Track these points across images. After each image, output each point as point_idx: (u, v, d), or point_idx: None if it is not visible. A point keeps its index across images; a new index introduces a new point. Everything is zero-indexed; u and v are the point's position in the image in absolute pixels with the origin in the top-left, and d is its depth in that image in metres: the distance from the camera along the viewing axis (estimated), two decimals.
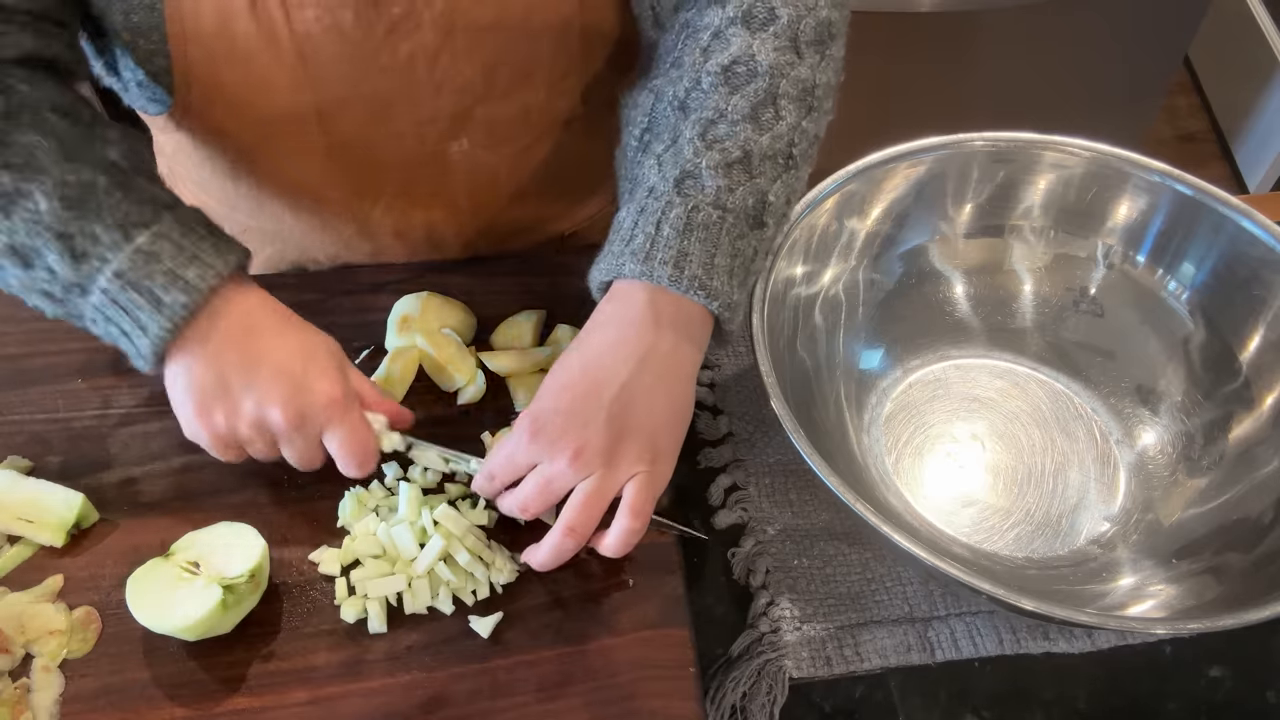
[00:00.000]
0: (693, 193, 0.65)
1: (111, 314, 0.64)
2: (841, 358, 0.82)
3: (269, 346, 0.66)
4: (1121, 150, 0.80)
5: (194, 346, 0.65)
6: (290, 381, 0.66)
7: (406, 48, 0.71)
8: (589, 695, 0.67)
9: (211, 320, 0.65)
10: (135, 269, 0.63)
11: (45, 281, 0.64)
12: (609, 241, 0.68)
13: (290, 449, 0.68)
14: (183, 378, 0.66)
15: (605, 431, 0.64)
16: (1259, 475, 0.74)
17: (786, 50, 0.68)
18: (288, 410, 0.65)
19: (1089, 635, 0.73)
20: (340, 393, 0.67)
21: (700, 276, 0.64)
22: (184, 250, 0.64)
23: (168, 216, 0.65)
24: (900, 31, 1.58)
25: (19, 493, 0.72)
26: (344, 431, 0.67)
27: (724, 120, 0.66)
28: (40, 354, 0.82)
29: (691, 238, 0.64)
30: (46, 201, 0.62)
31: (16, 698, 0.65)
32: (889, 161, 0.79)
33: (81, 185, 0.63)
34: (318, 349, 0.68)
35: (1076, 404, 0.84)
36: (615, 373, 0.65)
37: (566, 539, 0.66)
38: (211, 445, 0.68)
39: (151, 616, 0.66)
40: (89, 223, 0.63)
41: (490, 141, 0.82)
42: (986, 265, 0.85)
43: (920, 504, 0.78)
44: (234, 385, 0.66)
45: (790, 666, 0.70)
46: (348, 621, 0.70)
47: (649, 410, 0.65)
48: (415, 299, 0.83)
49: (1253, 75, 2.18)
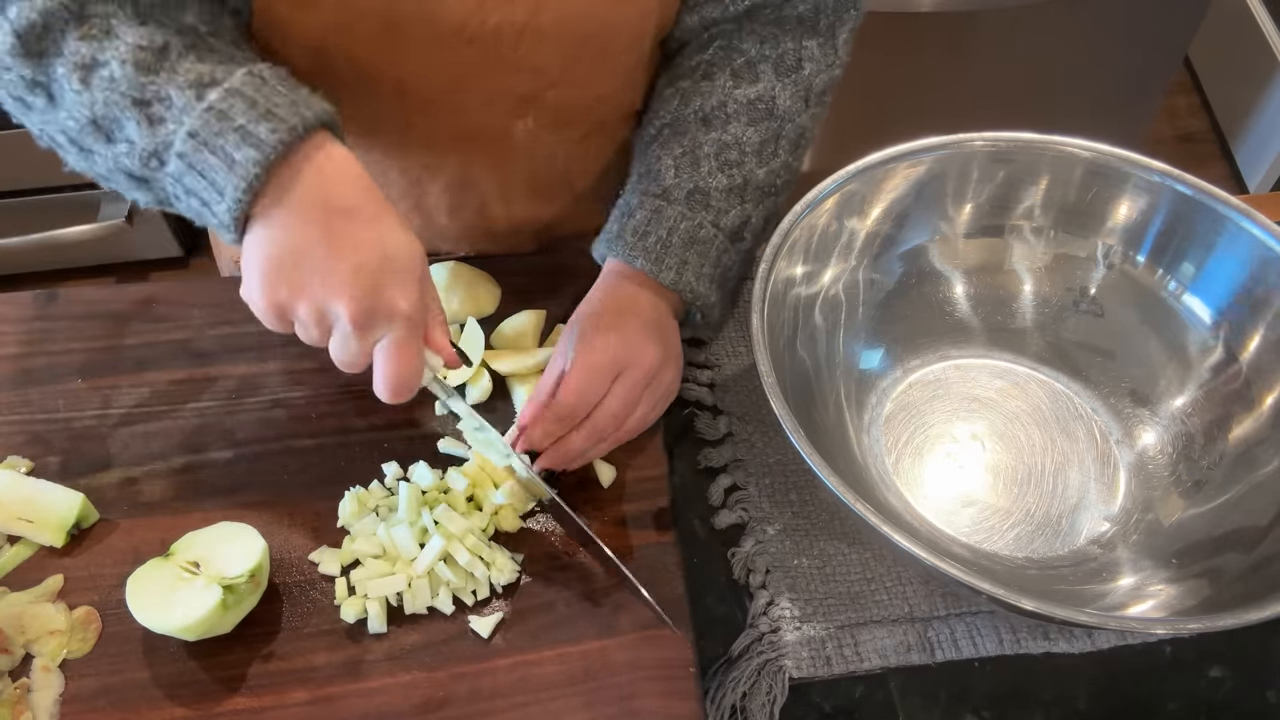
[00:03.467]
0: (700, 208, 0.76)
1: (189, 182, 0.61)
2: (841, 358, 0.82)
3: (354, 232, 0.61)
4: (1121, 150, 0.80)
5: (274, 213, 0.61)
6: (368, 280, 0.61)
7: (495, 19, 0.71)
8: (589, 695, 0.67)
9: (291, 181, 0.61)
10: (208, 127, 0.60)
11: (126, 155, 0.62)
12: (620, 226, 0.77)
13: (341, 346, 0.63)
14: (260, 242, 0.61)
15: (659, 349, 0.75)
16: (1259, 475, 0.74)
17: (799, 100, 0.79)
18: (354, 308, 0.60)
19: (1089, 635, 0.73)
20: (411, 308, 0.62)
21: (691, 282, 0.76)
22: (257, 105, 0.60)
23: (240, 72, 0.61)
24: (900, 31, 1.58)
25: (19, 493, 0.72)
26: (398, 353, 0.62)
27: (737, 148, 0.77)
28: (40, 354, 0.82)
29: (692, 250, 0.76)
30: (121, 67, 0.60)
31: (16, 698, 0.65)
32: (889, 161, 0.79)
33: (155, 48, 0.61)
34: (404, 253, 0.63)
35: (1076, 404, 0.84)
36: (648, 313, 0.76)
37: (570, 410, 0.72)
38: (264, 312, 0.63)
39: (151, 616, 0.66)
40: (163, 85, 0.60)
41: (555, 124, 0.83)
42: (986, 265, 0.85)
43: (920, 504, 0.78)
44: (309, 263, 0.61)
45: (790, 666, 0.70)
46: (348, 621, 0.70)
47: (676, 344, 0.77)
48: (443, 268, 0.84)
49: (1253, 75, 2.18)
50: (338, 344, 0.63)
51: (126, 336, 0.83)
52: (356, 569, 0.72)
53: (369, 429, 0.79)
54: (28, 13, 0.60)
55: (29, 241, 1.82)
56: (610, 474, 0.77)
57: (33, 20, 0.60)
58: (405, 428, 0.79)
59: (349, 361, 0.63)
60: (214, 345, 0.83)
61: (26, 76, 0.62)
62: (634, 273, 0.77)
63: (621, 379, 0.73)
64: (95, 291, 0.86)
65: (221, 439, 0.78)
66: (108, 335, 0.83)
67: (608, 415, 0.73)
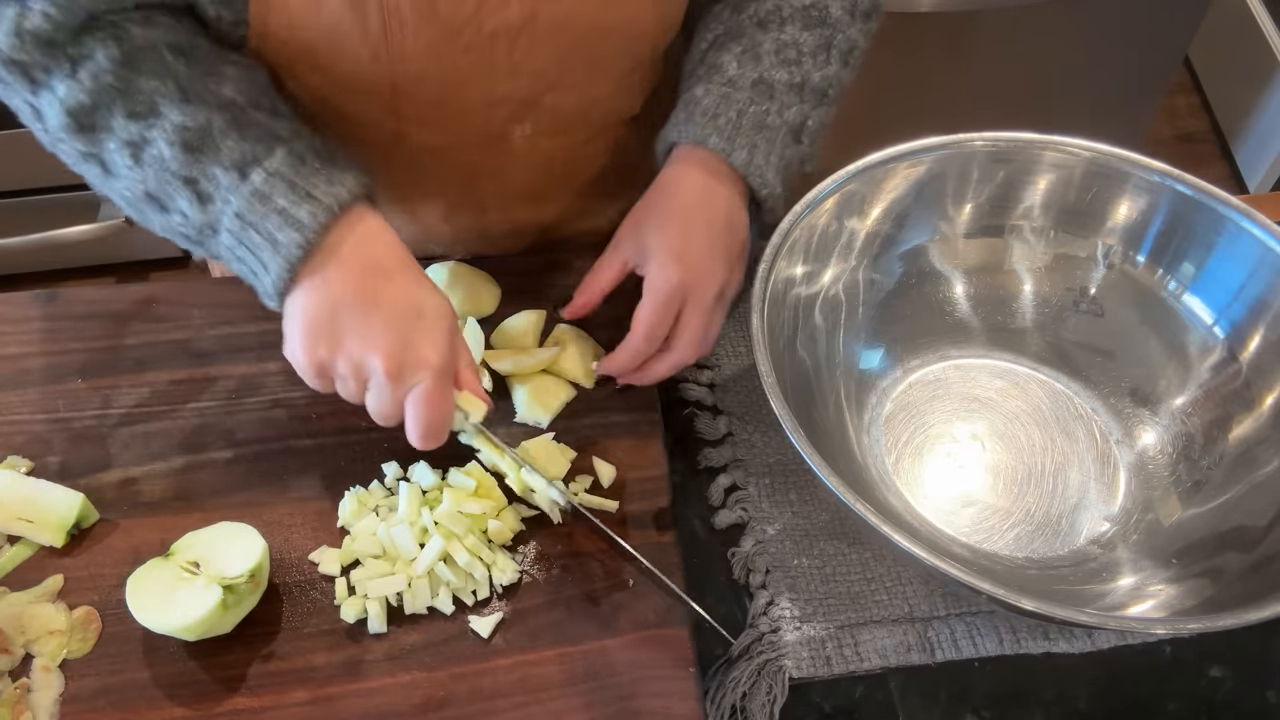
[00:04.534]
0: (765, 98, 0.76)
1: (240, 254, 0.66)
2: (841, 358, 0.82)
3: (386, 292, 0.67)
4: (1121, 150, 0.80)
5: (313, 279, 0.66)
6: (399, 334, 0.66)
7: (491, 25, 0.72)
8: (589, 695, 0.67)
9: (329, 254, 0.66)
10: (252, 210, 0.65)
11: (181, 225, 0.67)
12: (686, 111, 0.76)
13: (375, 398, 0.67)
14: (299, 306, 0.66)
15: (726, 260, 0.75)
16: (1259, 475, 0.74)
17: (848, 12, 0.79)
18: (388, 362, 0.65)
19: (1089, 635, 0.73)
20: (440, 360, 0.66)
21: (761, 166, 0.75)
22: (296, 188, 0.65)
23: (280, 152, 0.65)
24: (900, 31, 1.58)
25: (19, 493, 0.72)
26: (428, 399, 0.66)
27: (795, 48, 0.77)
28: (40, 354, 0.82)
29: (760, 135, 0.75)
30: (169, 148, 0.64)
31: (16, 698, 0.65)
32: (889, 161, 0.79)
33: (199, 128, 0.65)
34: (431, 308, 0.68)
35: (1076, 404, 0.84)
36: (716, 212, 0.75)
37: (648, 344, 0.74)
38: (306, 370, 0.68)
39: (151, 616, 0.66)
40: (209, 165, 0.65)
41: (553, 129, 0.83)
42: (986, 265, 0.85)
43: (920, 504, 0.78)
44: (344, 322, 0.66)
45: (790, 666, 0.70)
46: (348, 621, 0.70)
47: (740, 246, 0.76)
48: (443, 268, 0.84)
49: (1253, 75, 2.18)
50: (374, 396, 0.67)
51: (126, 336, 0.83)
52: (356, 569, 0.72)
53: (369, 429, 0.78)
54: (77, 93, 0.65)
55: (29, 241, 1.82)
56: (610, 474, 0.77)
57: (82, 101, 0.65)
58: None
59: (384, 413, 0.68)
60: (214, 345, 0.83)
61: (81, 150, 0.66)
62: (705, 157, 0.75)
63: (691, 304, 0.74)
64: (95, 291, 0.86)
65: (221, 439, 0.78)
66: (108, 335, 0.83)
67: (686, 344, 0.75)
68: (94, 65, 0.64)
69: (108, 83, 0.64)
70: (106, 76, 0.64)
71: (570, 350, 0.82)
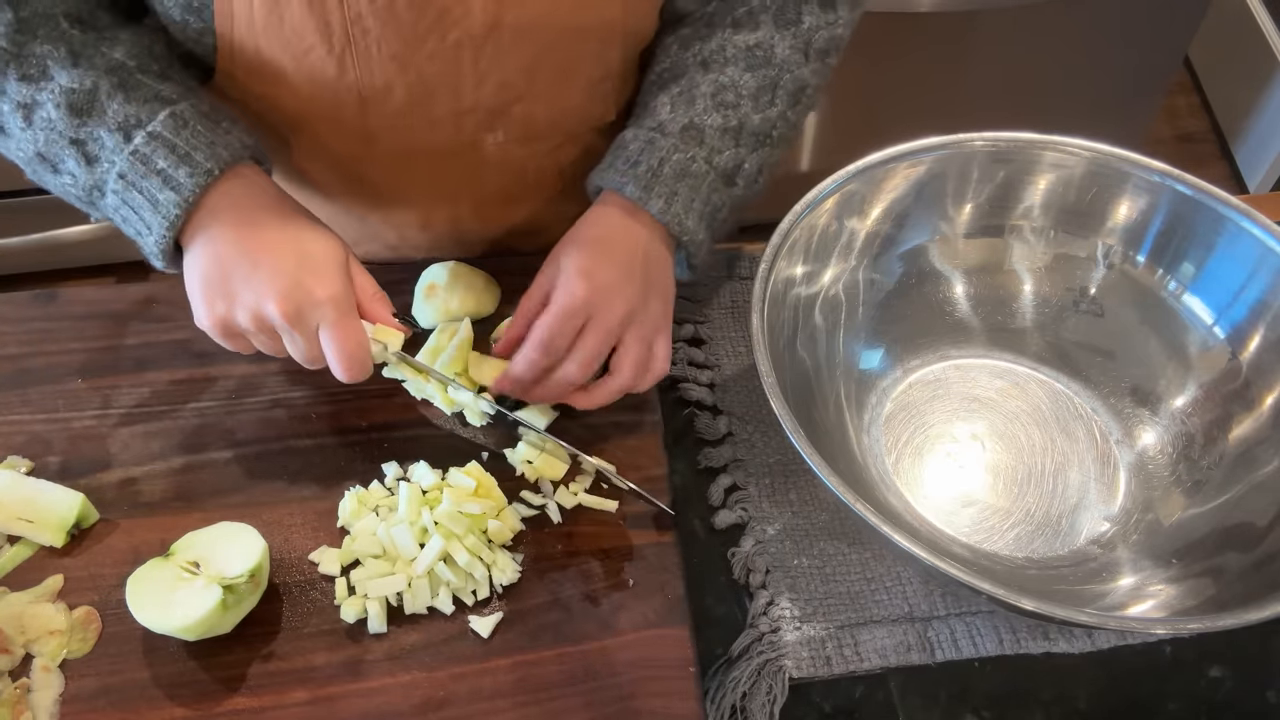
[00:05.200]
0: (693, 143, 0.75)
1: (125, 215, 0.68)
2: (841, 358, 0.82)
3: (269, 240, 0.68)
4: (1121, 150, 0.80)
5: (198, 240, 0.68)
6: (287, 276, 0.67)
7: (454, 35, 0.72)
8: (589, 695, 0.67)
9: (210, 214, 0.68)
10: (134, 170, 0.67)
11: (70, 185, 0.69)
12: (612, 156, 0.77)
13: (291, 345, 0.69)
14: (192, 270, 0.69)
15: (641, 287, 0.74)
16: (1259, 475, 0.74)
17: (798, 51, 0.78)
18: (284, 305, 0.67)
19: (1089, 635, 0.73)
20: (335, 292, 0.68)
21: (680, 215, 0.75)
22: (177, 149, 0.67)
23: (163, 114, 0.67)
24: (900, 31, 1.58)
25: (19, 493, 0.72)
26: (336, 333, 0.68)
27: (734, 90, 0.76)
28: (40, 354, 0.82)
29: (682, 183, 0.75)
30: (56, 110, 0.66)
31: (16, 698, 0.65)
32: (889, 161, 0.79)
33: (85, 90, 0.66)
34: (316, 246, 0.69)
35: (1076, 404, 0.84)
36: (634, 245, 0.75)
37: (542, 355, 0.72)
38: (215, 332, 0.70)
39: (151, 616, 0.66)
40: (95, 127, 0.67)
41: (525, 137, 0.83)
42: (986, 265, 0.85)
43: (920, 504, 0.78)
44: (234, 277, 0.68)
45: (790, 666, 0.70)
46: (348, 621, 0.70)
47: (660, 279, 0.76)
48: (442, 267, 0.84)
49: (1253, 75, 2.18)
50: (287, 342, 0.69)
51: (126, 336, 0.83)
52: (356, 569, 0.72)
53: (369, 429, 0.79)
54: None
55: (29, 241, 1.82)
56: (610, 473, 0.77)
57: None
58: (405, 428, 0.79)
59: (302, 356, 0.70)
60: (214, 345, 0.82)
61: None
62: (624, 202, 0.75)
63: (594, 321, 0.72)
64: (95, 291, 0.86)
65: (221, 439, 0.78)
66: (108, 335, 0.83)
67: (577, 362, 0.72)
68: None
69: (2, 46, 0.66)
70: (1, 40, 0.66)
71: None
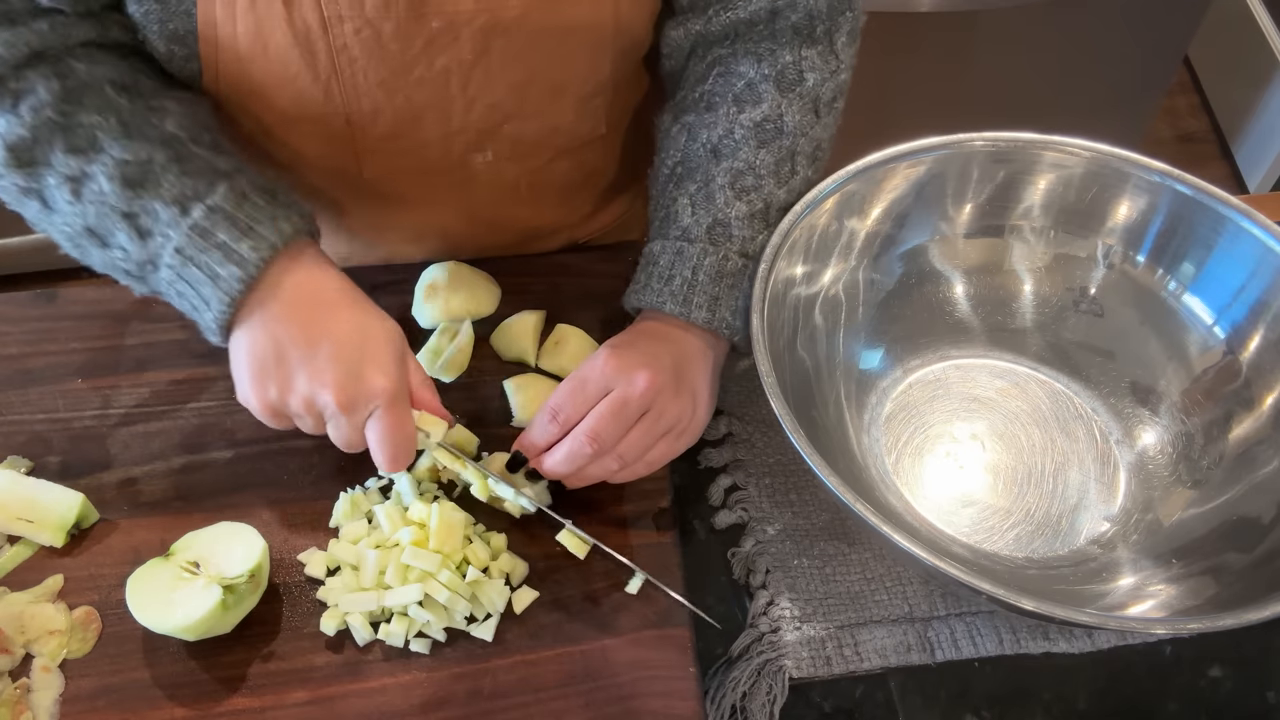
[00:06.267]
0: (722, 241, 0.74)
1: (181, 289, 0.66)
2: (841, 358, 0.82)
3: (329, 325, 0.66)
4: (1121, 150, 0.80)
5: (255, 317, 0.66)
6: (345, 366, 0.65)
7: (442, 61, 0.71)
8: (589, 695, 0.67)
9: (271, 291, 0.66)
10: (192, 245, 0.64)
11: (122, 260, 0.67)
12: (645, 274, 0.75)
13: (335, 430, 0.67)
14: (244, 346, 0.66)
15: (671, 372, 0.71)
16: (1259, 475, 0.74)
17: (808, 112, 0.76)
18: (339, 395, 0.65)
19: (1089, 635, 0.73)
20: (391, 385, 0.66)
21: (727, 318, 0.73)
22: (238, 223, 0.65)
23: (222, 187, 0.65)
24: (900, 31, 1.58)
25: (19, 493, 0.72)
26: (386, 425, 0.66)
27: (752, 173, 0.74)
28: (40, 354, 0.82)
29: (722, 284, 0.73)
30: (109, 183, 0.64)
31: (16, 698, 0.65)
32: (889, 161, 0.79)
33: (140, 163, 0.64)
34: (377, 334, 0.67)
35: (1076, 404, 0.84)
36: (670, 342, 0.73)
37: (587, 445, 0.68)
38: (261, 413, 0.67)
39: (151, 616, 0.66)
40: (149, 200, 0.65)
41: (514, 155, 0.82)
42: (986, 265, 0.85)
43: (920, 504, 0.78)
44: (290, 360, 0.65)
45: (790, 666, 0.70)
46: (327, 634, 0.69)
47: (697, 377, 0.73)
48: (442, 268, 0.84)
49: (1253, 75, 2.18)
50: (333, 429, 0.67)
51: (126, 336, 0.83)
52: (333, 577, 0.71)
53: None
54: (17, 127, 0.64)
55: (29, 241, 1.82)
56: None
57: (22, 135, 0.64)
58: None
59: (347, 443, 0.68)
60: (214, 345, 0.82)
61: (20, 185, 0.66)
62: (666, 318, 0.74)
63: (612, 397, 0.69)
64: (95, 291, 0.86)
65: (221, 439, 0.78)
66: (108, 335, 0.83)
67: (583, 432, 0.69)
68: (35, 100, 0.64)
69: (48, 117, 0.64)
70: (47, 111, 0.64)
71: (570, 350, 0.82)
